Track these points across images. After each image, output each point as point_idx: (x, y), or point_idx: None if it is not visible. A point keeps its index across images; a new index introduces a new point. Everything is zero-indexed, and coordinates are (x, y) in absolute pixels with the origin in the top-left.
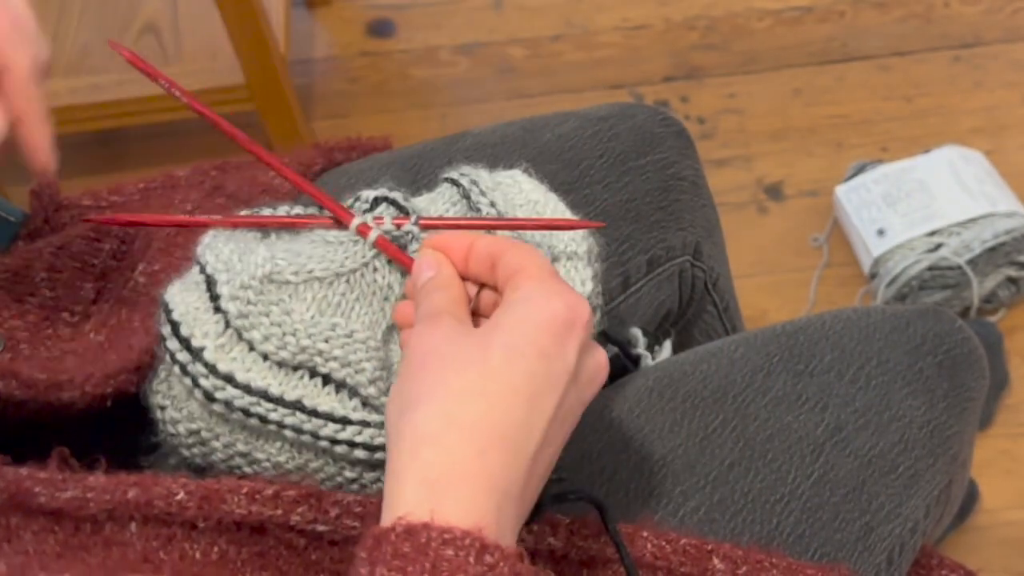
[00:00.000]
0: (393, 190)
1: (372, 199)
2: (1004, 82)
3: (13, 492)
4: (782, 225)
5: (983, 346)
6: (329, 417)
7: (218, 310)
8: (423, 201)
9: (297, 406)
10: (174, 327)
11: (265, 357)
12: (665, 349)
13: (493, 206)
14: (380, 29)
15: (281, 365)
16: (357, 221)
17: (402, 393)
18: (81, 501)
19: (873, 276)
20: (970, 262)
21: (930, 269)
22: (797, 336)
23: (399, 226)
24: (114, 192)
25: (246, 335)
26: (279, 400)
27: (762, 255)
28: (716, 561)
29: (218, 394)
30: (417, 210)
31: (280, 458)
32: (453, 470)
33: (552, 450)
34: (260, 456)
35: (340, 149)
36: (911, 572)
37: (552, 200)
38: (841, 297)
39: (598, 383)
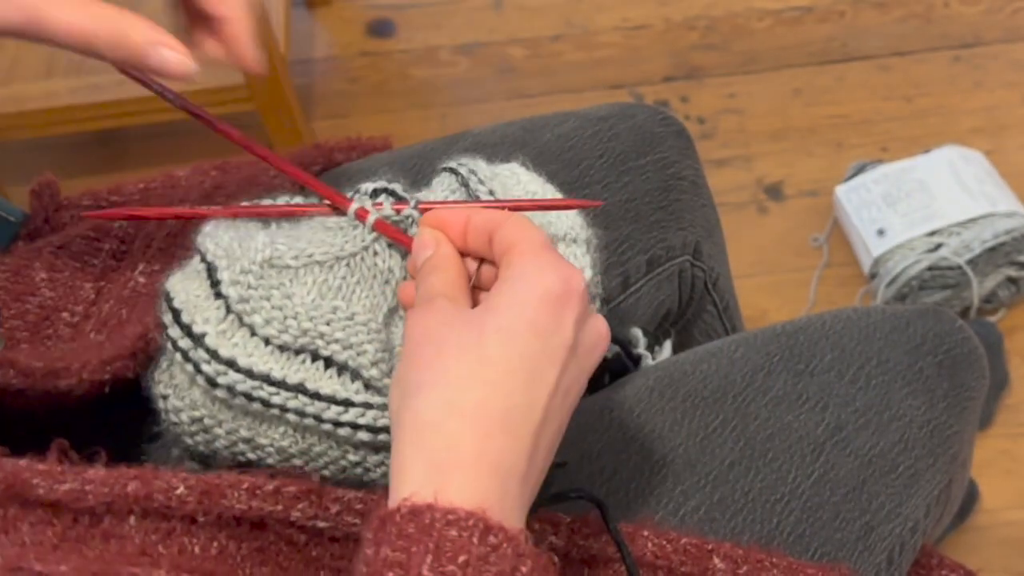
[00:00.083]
0: (392, 182)
1: (371, 190)
2: (1004, 82)
3: (11, 483)
4: (782, 225)
5: (983, 346)
6: (331, 400)
7: (219, 296)
8: (422, 194)
9: (299, 389)
10: (175, 314)
11: (267, 342)
12: (665, 349)
13: (491, 194)
14: (380, 29)
15: (283, 349)
16: (355, 206)
17: (402, 380)
18: (79, 493)
19: (873, 276)
20: (970, 262)
21: (930, 269)
22: (797, 336)
23: (399, 211)
24: (114, 192)
25: (247, 320)
26: (281, 384)
27: (762, 255)
28: (717, 560)
29: (220, 379)
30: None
31: (283, 443)
32: (456, 454)
33: (556, 425)
34: (263, 442)
35: (340, 149)
36: (911, 572)
37: (550, 191)
38: (841, 297)
39: (599, 352)
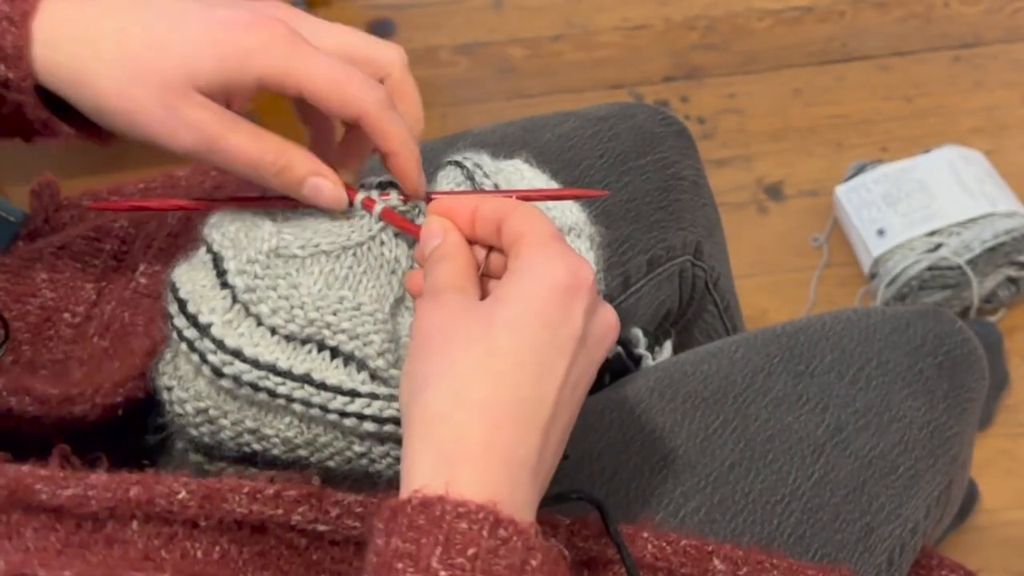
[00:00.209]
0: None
1: (377, 183)
2: (1004, 82)
3: (14, 489)
4: (782, 225)
5: (983, 346)
6: (337, 390)
7: (225, 285)
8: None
9: (305, 379)
10: (181, 304)
11: (273, 331)
12: (665, 349)
13: (497, 187)
14: (380, 29)
15: (289, 339)
16: (362, 195)
17: (411, 373)
18: (82, 499)
19: (873, 276)
20: (970, 262)
21: (930, 269)
22: (797, 337)
23: (405, 200)
24: (114, 192)
25: (253, 309)
26: (287, 374)
27: (762, 255)
28: (717, 562)
29: (226, 369)
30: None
31: (289, 433)
32: (465, 445)
33: (566, 417)
34: (269, 432)
35: None
36: (911, 572)
37: (553, 186)
38: (841, 297)
39: (608, 342)
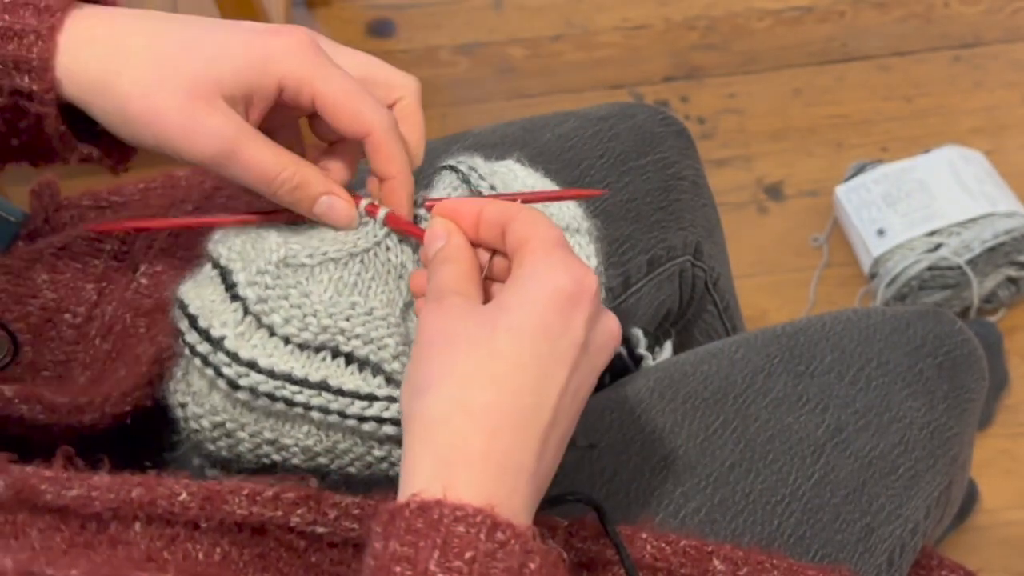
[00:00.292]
0: None
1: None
2: (1004, 82)
3: (19, 489)
4: (782, 225)
5: (983, 346)
6: (355, 395)
7: (235, 299)
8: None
9: (322, 386)
10: (191, 320)
11: (287, 341)
12: (666, 349)
13: (493, 189)
14: (380, 29)
15: (303, 348)
16: (365, 202)
17: (413, 377)
18: (86, 499)
19: (873, 276)
20: (970, 262)
21: (930, 269)
22: (797, 337)
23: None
24: (114, 192)
25: (266, 320)
26: (304, 382)
27: (762, 255)
28: (716, 562)
29: (242, 381)
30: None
31: (308, 442)
32: (464, 451)
33: (566, 423)
34: (288, 442)
35: None
36: (911, 573)
37: (548, 186)
38: (841, 297)
39: (609, 350)
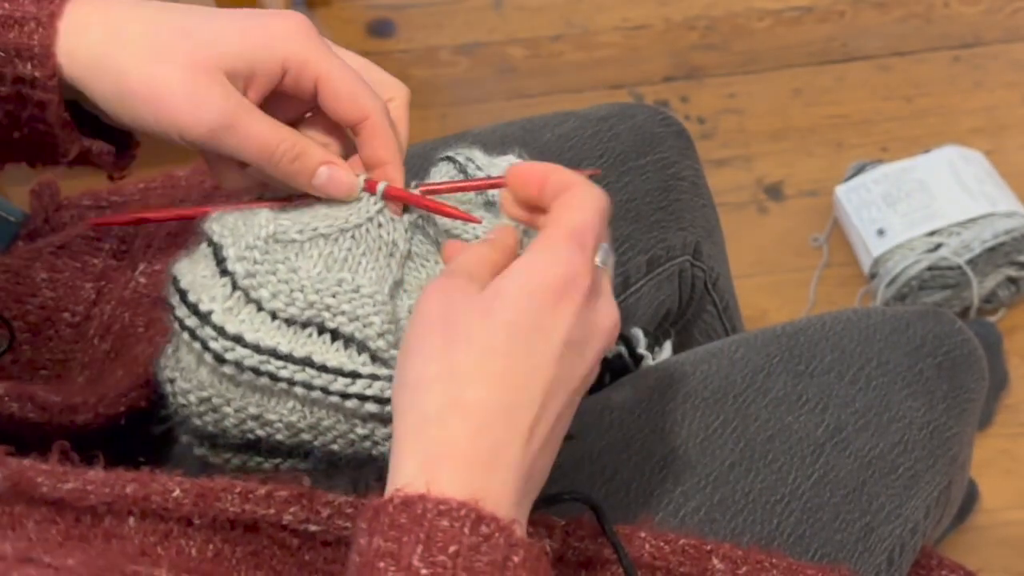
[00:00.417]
0: None
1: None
2: (1004, 82)
3: (16, 481)
4: (782, 225)
5: (982, 346)
6: (339, 372)
7: (225, 273)
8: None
9: (306, 362)
10: (182, 295)
11: (273, 316)
12: (665, 349)
13: (489, 177)
14: (380, 29)
15: (289, 323)
16: (363, 177)
17: (407, 369)
18: (81, 493)
19: (873, 276)
20: (970, 262)
21: (930, 269)
22: (797, 337)
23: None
24: (114, 192)
25: (254, 294)
26: (288, 357)
27: (762, 255)
28: (716, 561)
29: (228, 355)
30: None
31: (292, 418)
32: (453, 448)
33: (554, 418)
34: (272, 418)
35: None
36: (911, 572)
37: None
38: (841, 297)
39: (600, 345)
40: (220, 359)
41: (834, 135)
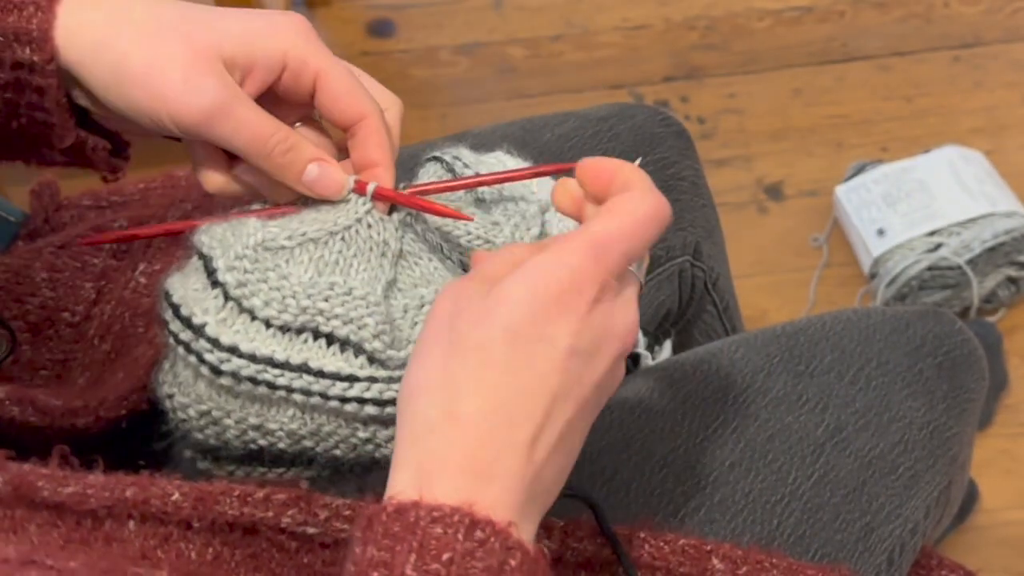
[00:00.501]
0: None
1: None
2: (1004, 82)
3: (18, 485)
4: (782, 225)
5: (982, 347)
6: (336, 376)
7: (216, 284)
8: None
9: (303, 368)
10: (175, 309)
11: (267, 324)
12: (665, 349)
13: (478, 175)
14: (380, 29)
15: (284, 330)
16: (353, 178)
17: (412, 375)
18: (82, 496)
19: (873, 276)
20: (970, 262)
21: (930, 269)
22: (797, 337)
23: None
24: (114, 192)
25: (246, 304)
26: (285, 365)
27: (762, 255)
28: (715, 561)
29: (224, 366)
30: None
31: (292, 426)
32: (448, 458)
33: (562, 426)
34: (273, 426)
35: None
36: (911, 572)
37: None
38: (841, 297)
39: (612, 351)
40: (216, 371)
41: (834, 135)
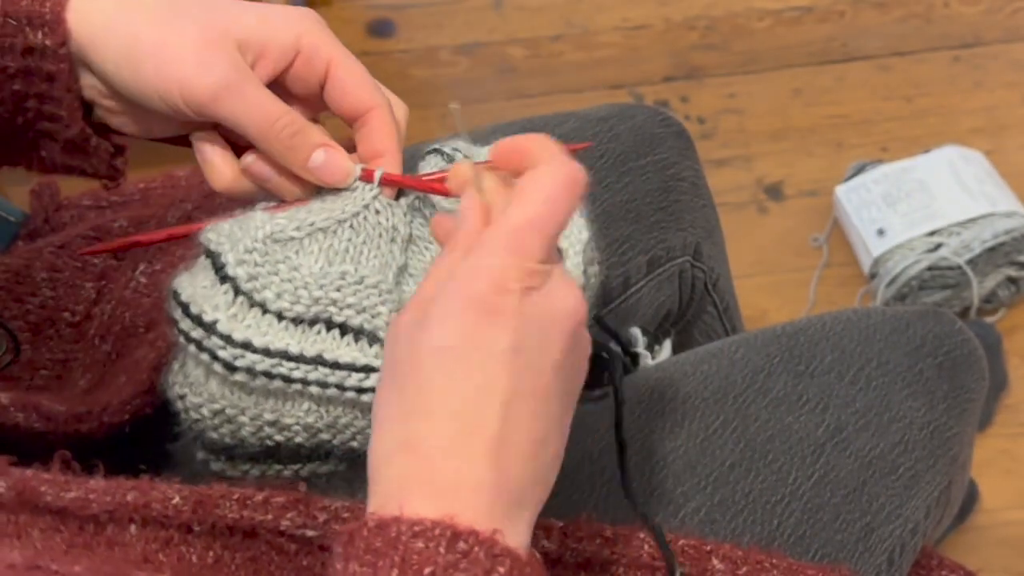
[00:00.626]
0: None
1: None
2: (1004, 82)
3: (20, 490)
4: (782, 225)
5: (982, 347)
6: (351, 367)
7: (225, 280)
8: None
9: (318, 360)
10: (184, 308)
11: (280, 317)
12: (665, 349)
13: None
14: (380, 29)
15: (296, 322)
16: (360, 166)
17: (373, 409)
18: (84, 501)
19: (873, 276)
20: (970, 262)
21: (930, 269)
22: (797, 337)
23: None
24: (114, 192)
25: (258, 297)
26: (299, 357)
27: (762, 255)
28: (716, 561)
29: (239, 362)
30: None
31: (309, 419)
32: (412, 486)
33: (526, 428)
34: (289, 421)
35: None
36: (911, 573)
37: None
38: (841, 297)
39: (559, 343)
40: (230, 367)
41: (834, 135)
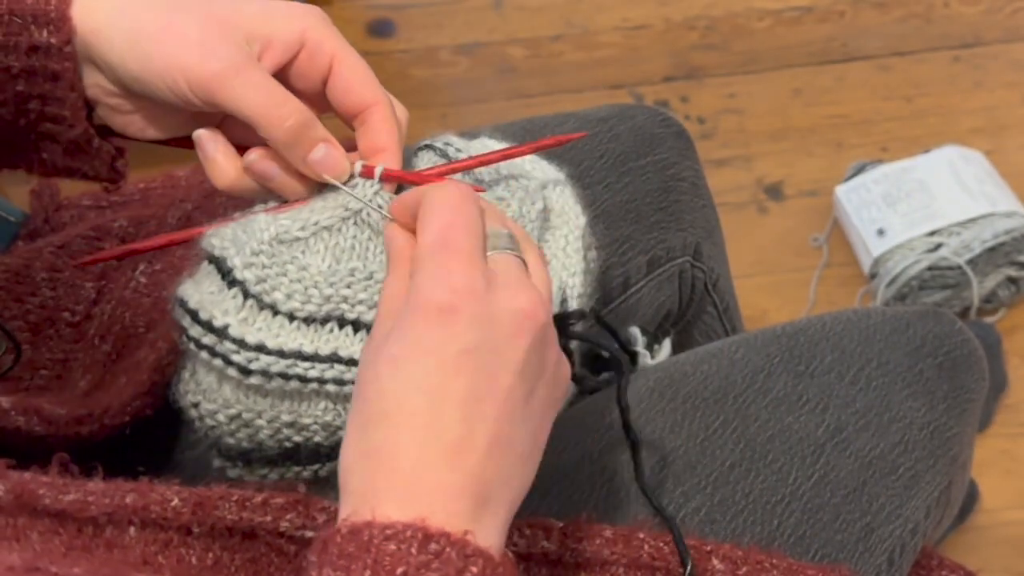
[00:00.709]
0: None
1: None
2: (1004, 82)
3: (19, 493)
4: (782, 225)
5: (982, 347)
6: None
7: (233, 284)
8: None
9: (334, 358)
10: (193, 315)
11: (291, 317)
12: (665, 349)
13: (470, 158)
14: (380, 29)
15: (309, 321)
16: (360, 163)
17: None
18: (82, 504)
19: (873, 276)
20: (970, 262)
21: (930, 269)
22: (797, 337)
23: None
24: (114, 192)
25: (268, 299)
26: (314, 356)
27: (762, 255)
28: (716, 561)
29: (253, 365)
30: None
31: (327, 418)
32: (375, 493)
33: (490, 421)
34: (307, 421)
35: None
36: (911, 573)
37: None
38: (841, 297)
39: (516, 322)
40: (246, 371)
41: (834, 135)
